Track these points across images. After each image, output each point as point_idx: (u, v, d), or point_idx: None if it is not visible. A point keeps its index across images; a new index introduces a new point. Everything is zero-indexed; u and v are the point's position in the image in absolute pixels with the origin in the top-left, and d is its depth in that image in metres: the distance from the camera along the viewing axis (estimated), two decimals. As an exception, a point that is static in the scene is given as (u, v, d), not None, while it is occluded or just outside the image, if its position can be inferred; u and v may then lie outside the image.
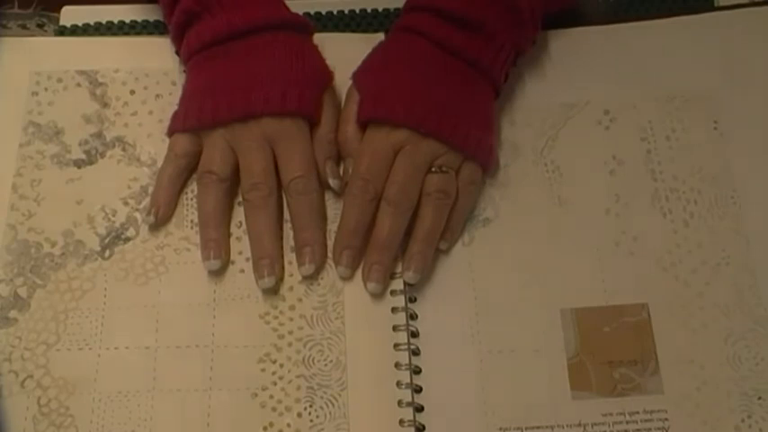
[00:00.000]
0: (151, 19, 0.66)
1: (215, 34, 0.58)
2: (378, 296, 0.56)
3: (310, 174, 0.57)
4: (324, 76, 0.60)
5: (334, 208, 0.58)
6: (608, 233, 0.58)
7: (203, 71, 0.59)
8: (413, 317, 0.56)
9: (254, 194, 0.56)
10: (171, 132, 0.59)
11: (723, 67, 0.62)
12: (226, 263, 0.57)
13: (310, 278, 0.56)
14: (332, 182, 0.58)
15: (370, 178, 0.56)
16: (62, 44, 0.65)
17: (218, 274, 0.57)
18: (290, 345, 0.55)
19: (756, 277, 0.56)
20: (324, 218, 0.58)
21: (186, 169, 0.59)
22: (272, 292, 0.56)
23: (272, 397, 0.54)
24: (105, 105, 0.62)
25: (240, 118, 0.57)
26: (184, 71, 0.61)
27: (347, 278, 0.56)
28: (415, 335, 0.55)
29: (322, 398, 0.54)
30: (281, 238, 0.57)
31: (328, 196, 0.59)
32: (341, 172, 0.59)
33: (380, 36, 0.63)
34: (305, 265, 0.56)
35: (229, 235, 0.58)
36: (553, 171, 0.60)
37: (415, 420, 0.53)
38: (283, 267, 0.57)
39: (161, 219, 0.58)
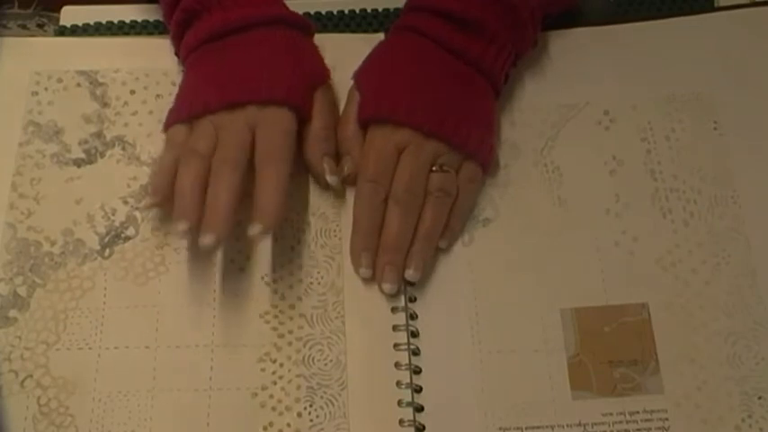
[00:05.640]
0: (151, 19, 0.66)
1: (211, 31, 0.58)
2: (392, 296, 0.56)
3: (284, 151, 0.56)
4: (318, 73, 0.60)
5: (334, 207, 0.59)
6: (608, 233, 0.58)
7: (199, 66, 0.59)
8: (413, 317, 0.56)
9: (223, 168, 0.55)
10: (167, 126, 0.59)
11: (723, 67, 0.62)
12: (195, 227, 0.54)
13: (294, 278, 0.56)
14: (329, 178, 0.58)
15: (378, 179, 0.56)
16: (62, 44, 0.65)
17: (216, 272, 0.57)
18: (289, 344, 0.55)
19: (756, 277, 0.56)
20: (287, 194, 0.55)
21: None
22: (210, 252, 0.55)
23: (271, 396, 0.54)
24: (105, 105, 0.62)
25: (227, 106, 0.56)
26: (182, 70, 0.61)
27: (369, 279, 0.56)
28: (415, 335, 0.55)
29: (322, 397, 0.54)
30: (236, 208, 0.55)
31: (327, 196, 0.59)
32: (339, 169, 0.58)
33: (380, 36, 0.63)
34: (253, 224, 0.53)
35: (203, 208, 0.55)
36: (553, 171, 0.60)
37: (415, 420, 0.53)
38: (229, 233, 0.54)
39: (160, 202, 0.56)
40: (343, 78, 0.61)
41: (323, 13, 0.67)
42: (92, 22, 0.66)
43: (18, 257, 0.57)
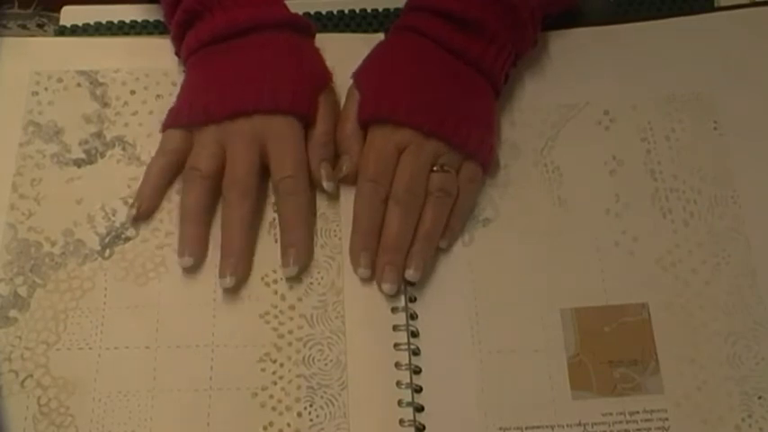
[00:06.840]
0: (151, 19, 0.66)
1: (214, 32, 0.58)
2: (392, 296, 0.56)
3: (300, 174, 0.57)
4: (321, 77, 0.60)
5: (334, 207, 0.59)
6: (608, 233, 0.58)
7: (201, 68, 0.59)
8: (413, 317, 0.56)
9: (233, 194, 0.56)
10: (164, 128, 0.59)
11: (723, 67, 0.62)
12: (201, 261, 0.57)
13: (294, 279, 0.56)
14: (326, 184, 0.58)
15: (378, 179, 0.56)
16: (62, 44, 0.65)
17: (216, 272, 0.56)
18: (290, 344, 0.55)
19: (756, 277, 0.56)
20: (311, 219, 0.58)
21: (176, 165, 0.58)
22: (232, 291, 0.56)
23: (271, 396, 0.54)
24: (105, 105, 0.62)
25: (231, 115, 0.57)
26: (184, 71, 0.61)
27: (367, 279, 0.56)
28: (415, 335, 0.55)
29: (322, 397, 0.54)
30: (252, 239, 0.57)
31: (328, 196, 0.59)
32: (338, 169, 0.58)
33: (380, 36, 0.63)
34: (289, 266, 0.56)
35: (208, 233, 0.57)
36: (553, 171, 0.60)
37: (415, 420, 0.53)
38: (249, 268, 0.56)
39: (143, 212, 0.58)
40: (343, 78, 0.61)
41: (323, 13, 0.67)
42: (92, 22, 0.66)
43: (18, 258, 0.57)
